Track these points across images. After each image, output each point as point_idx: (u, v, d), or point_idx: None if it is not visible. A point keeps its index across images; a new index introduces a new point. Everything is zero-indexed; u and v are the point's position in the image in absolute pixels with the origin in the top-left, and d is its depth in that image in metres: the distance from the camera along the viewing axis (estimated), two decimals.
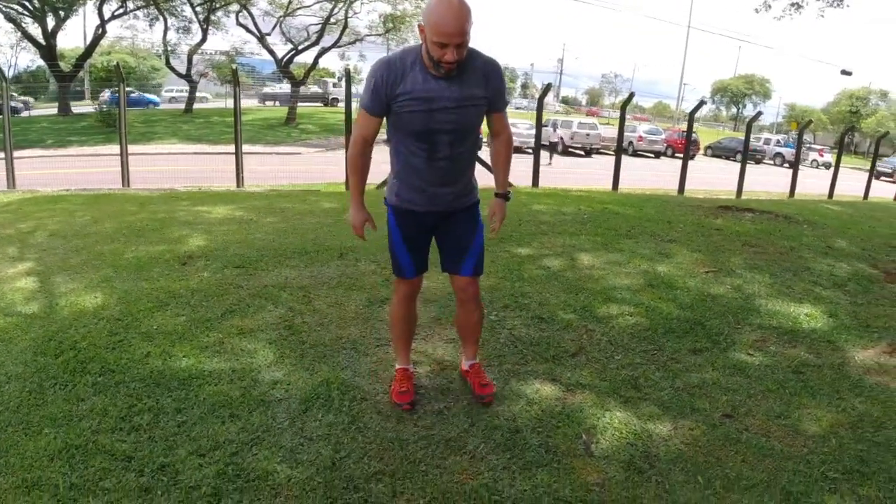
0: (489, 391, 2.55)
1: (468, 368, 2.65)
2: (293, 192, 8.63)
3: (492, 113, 2.33)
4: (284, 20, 27.89)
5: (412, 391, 2.50)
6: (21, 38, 29.17)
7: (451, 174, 2.31)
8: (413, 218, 2.37)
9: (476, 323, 2.57)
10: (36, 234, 5.19)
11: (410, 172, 2.29)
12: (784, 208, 8.05)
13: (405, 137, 2.25)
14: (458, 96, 2.16)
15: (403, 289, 2.49)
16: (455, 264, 2.45)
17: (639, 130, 28.45)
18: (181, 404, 2.43)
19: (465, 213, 2.42)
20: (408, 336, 2.60)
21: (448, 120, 2.18)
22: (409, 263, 2.42)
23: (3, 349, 2.89)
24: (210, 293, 3.66)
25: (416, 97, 2.13)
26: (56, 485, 1.94)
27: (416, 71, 2.14)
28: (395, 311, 2.55)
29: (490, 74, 2.24)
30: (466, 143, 2.30)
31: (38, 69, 33.75)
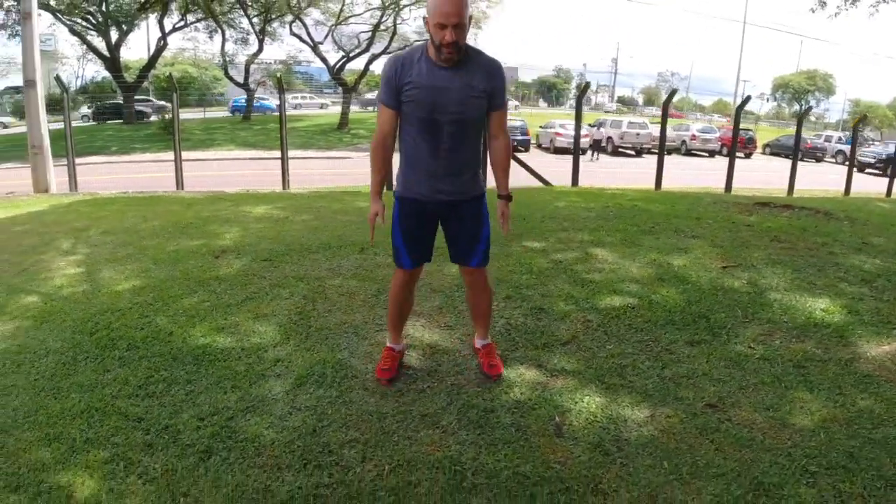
0: (496, 371, 2.70)
1: (480, 347, 2.81)
2: (331, 193, 8.98)
3: (491, 111, 2.47)
4: (336, 28, 28.75)
5: (394, 369, 2.68)
6: (87, 51, 31.22)
7: (455, 166, 2.46)
8: (418, 208, 2.52)
9: (486, 305, 2.74)
10: (89, 230, 5.68)
11: (416, 163, 2.46)
12: (829, 205, 7.74)
13: (411, 127, 2.42)
14: (460, 85, 2.34)
15: (400, 276, 2.66)
16: (463, 257, 2.62)
17: (692, 129, 27.66)
18: (192, 376, 2.69)
19: (471, 205, 2.56)
20: (400, 318, 2.76)
21: (451, 109, 2.35)
22: (406, 256, 2.59)
23: (46, 328, 3.26)
24: (235, 282, 3.94)
25: (421, 85, 2.33)
26: (74, 438, 2.23)
27: (423, 63, 2.35)
28: (391, 294, 2.72)
29: (492, 71, 2.41)
30: (469, 134, 2.45)
31: (104, 80, 36.04)
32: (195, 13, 28.75)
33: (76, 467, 2.10)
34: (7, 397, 2.57)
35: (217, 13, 27.73)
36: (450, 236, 2.62)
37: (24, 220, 6.74)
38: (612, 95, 75.14)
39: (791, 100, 60.56)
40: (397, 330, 2.78)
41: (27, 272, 4.40)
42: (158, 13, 27.73)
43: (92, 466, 2.10)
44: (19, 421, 2.39)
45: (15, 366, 2.85)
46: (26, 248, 5.14)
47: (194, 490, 1.98)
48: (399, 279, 2.67)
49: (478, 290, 2.69)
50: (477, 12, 26.83)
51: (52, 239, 5.49)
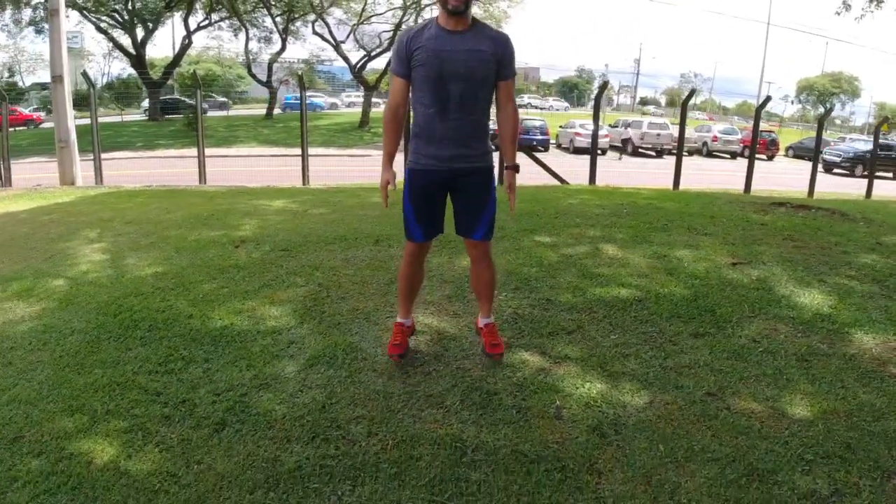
0: (498, 351, 2.79)
1: (483, 327, 2.89)
2: (349, 189, 9.13)
3: (499, 80, 2.56)
4: (358, 28, 29.00)
5: (405, 345, 2.79)
6: (112, 48, 31.92)
7: (464, 130, 2.55)
8: (427, 180, 2.60)
9: (488, 280, 2.82)
10: (114, 221, 5.88)
11: (426, 129, 2.55)
12: (847, 206, 7.67)
13: (422, 93, 2.52)
14: (467, 48, 2.45)
15: (411, 249, 2.76)
16: (468, 229, 2.71)
17: (713, 130, 27.36)
18: (209, 356, 2.82)
19: (480, 178, 2.64)
20: (411, 292, 2.86)
21: (459, 71, 2.44)
22: (417, 229, 2.68)
23: (72, 310, 3.42)
24: (253, 270, 4.08)
25: (430, 48, 2.44)
26: (95, 410, 2.37)
27: (431, 30, 2.48)
28: (402, 269, 2.82)
29: (499, 39, 2.53)
30: (477, 99, 2.53)
31: (130, 77, 36.86)
32: (220, 12, 29.23)
33: (97, 436, 2.23)
34: (33, 372, 2.72)
35: (241, 12, 28.16)
36: (457, 207, 2.70)
37: (51, 210, 6.99)
38: (634, 96, 74.52)
39: (815, 102, 59.56)
40: (407, 304, 2.87)
41: (54, 258, 4.59)
42: (184, 11, 28.25)
43: (112, 435, 2.23)
44: (44, 393, 2.53)
45: (41, 343, 3.01)
46: (53, 237, 5.35)
47: (208, 458, 2.09)
48: (410, 252, 2.77)
49: (481, 264, 2.78)
50: (498, 12, 26.90)
51: (78, 228, 5.69)
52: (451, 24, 2.47)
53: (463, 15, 2.46)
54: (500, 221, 2.82)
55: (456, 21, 2.46)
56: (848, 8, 9.51)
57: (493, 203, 2.69)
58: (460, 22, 2.47)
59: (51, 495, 1.95)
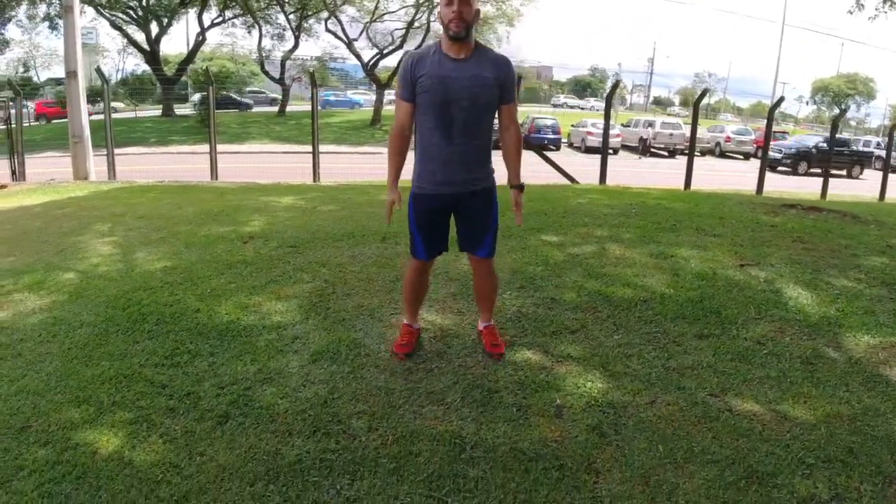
0: (499, 350, 2.84)
1: (483, 329, 2.95)
2: (359, 186, 9.16)
3: (502, 104, 2.61)
4: (371, 26, 29.04)
5: (412, 345, 2.85)
6: (127, 45, 32.25)
7: (468, 154, 2.58)
8: (432, 203, 2.65)
9: (491, 290, 2.89)
10: (126, 216, 5.95)
11: (430, 153, 2.60)
12: (859, 209, 7.59)
13: (426, 118, 2.56)
14: (470, 75, 2.48)
15: (416, 265, 2.81)
16: (472, 246, 2.76)
17: (727, 130, 27.12)
18: (215, 349, 2.86)
19: (482, 198, 2.69)
20: (416, 300, 2.92)
21: (462, 96, 2.48)
22: (422, 248, 2.73)
23: (82, 303, 3.48)
24: (261, 266, 4.11)
25: (434, 75, 2.48)
26: (101, 401, 2.41)
27: (435, 56, 2.51)
28: (407, 279, 2.87)
29: (500, 64, 2.57)
30: (480, 123, 2.57)
31: (144, 73, 37.25)
32: (233, 9, 29.39)
33: (102, 426, 2.27)
34: (42, 363, 2.77)
35: (255, 9, 28.30)
36: (460, 227, 2.75)
37: (63, 204, 7.08)
38: (647, 95, 74.01)
39: (830, 103, 58.91)
40: (414, 310, 2.94)
41: (65, 252, 4.65)
42: (198, 8, 28.44)
43: (117, 426, 2.27)
44: (52, 385, 2.58)
45: (50, 336, 3.06)
46: (65, 231, 5.42)
47: (210, 450, 2.12)
48: (414, 268, 2.81)
49: (484, 277, 2.85)
50: (510, 10, 26.84)
51: (90, 222, 5.77)
52: (454, 50, 2.50)
53: (465, 40, 2.48)
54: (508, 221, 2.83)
55: (458, 48, 2.49)
56: (861, 7, 9.40)
57: (495, 222, 2.74)
58: (463, 48, 2.50)
59: (56, 484, 1.98)
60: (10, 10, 26.31)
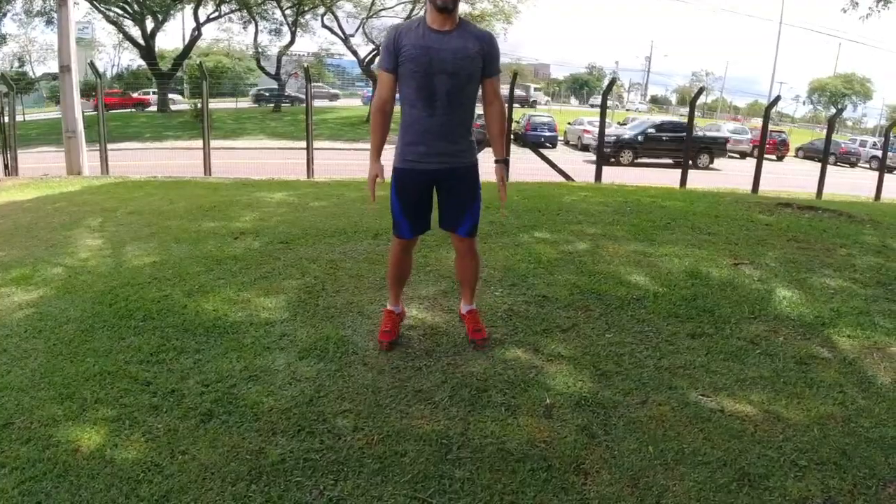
0: (481, 336, 2.84)
1: (466, 313, 2.93)
2: (352, 182, 9.11)
3: (485, 78, 2.61)
4: (367, 21, 28.95)
5: (394, 332, 2.83)
6: (122, 39, 32.07)
7: (450, 125, 2.58)
8: (414, 177, 2.63)
9: (473, 270, 2.86)
10: (117, 211, 5.90)
11: (413, 125, 2.59)
12: (854, 208, 7.58)
13: (409, 89, 2.55)
14: (454, 47, 2.49)
15: (399, 244, 2.79)
16: (453, 225, 2.74)
17: (723, 130, 27.12)
18: (201, 346, 2.82)
19: (465, 175, 2.68)
20: (399, 281, 2.90)
21: (445, 67, 2.48)
22: (405, 225, 2.72)
23: (69, 298, 3.43)
24: (251, 262, 4.07)
25: (418, 45, 2.48)
26: (85, 398, 2.37)
27: (419, 29, 2.52)
28: (391, 260, 2.86)
29: (484, 38, 2.58)
30: (463, 95, 2.56)
31: (139, 68, 37.10)
32: (229, 4, 29.24)
33: (85, 424, 2.23)
34: (27, 359, 2.73)
35: (251, 4, 28.17)
36: (442, 203, 2.73)
37: (55, 199, 7.02)
38: (644, 94, 74.00)
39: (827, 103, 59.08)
40: (396, 292, 2.90)
41: (55, 247, 4.61)
42: (193, 3, 28.27)
43: (99, 424, 2.22)
44: (36, 381, 2.54)
45: (36, 331, 3.02)
46: (56, 225, 5.37)
47: (193, 449, 2.08)
48: (397, 246, 2.80)
49: (466, 257, 2.83)
50: (507, 7, 26.78)
51: (82, 217, 5.71)
52: (439, 22, 2.51)
53: (451, 13, 2.50)
54: (501, 219, 2.81)
55: (443, 20, 2.50)
56: (855, 6, 9.39)
57: (478, 199, 2.73)
58: (447, 21, 2.51)
59: (36, 482, 1.95)
60: (6, 4, 26.12)
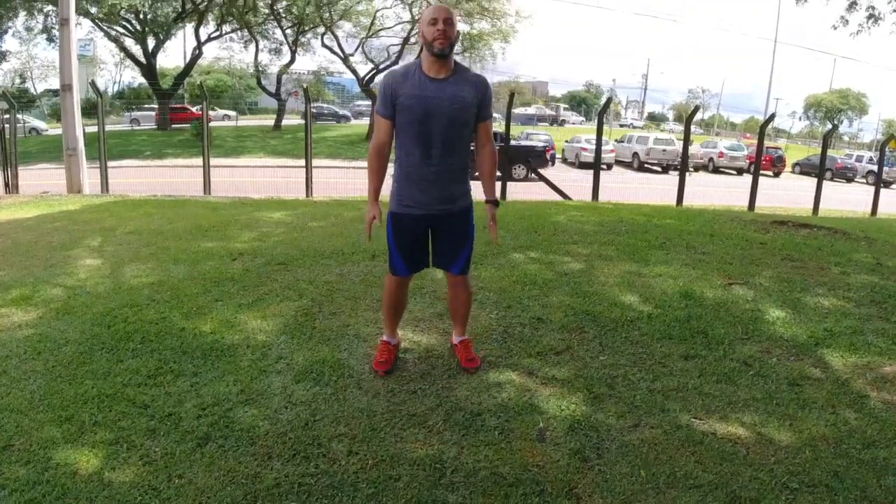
0: (474, 365, 2.87)
1: (457, 343, 2.97)
2: (350, 202, 9.18)
3: (478, 122, 2.66)
4: (367, 41, 29.26)
5: (390, 362, 2.86)
6: (124, 57, 32.35)
7: (446, 172, 2.62)
8: (410, 222, 2.69)
9: (465, 303, 2.92)
10: (117, 230, 5.94)
11: (410, 172, 2.63)
12: (849, 225, 7.64)
13: (405, 136, 2.59)
14: (450, 95, 2.54)
15: (395, 280, 2.83)
16: (447, 263, 2.81)
17: (720, 146, 27.36)
18: (198, 369, 2.84)
19: (460, 219, 2.74)
20: (396, 316, 2.94)
21: (441, 116, 2.52)
22: (401, 266, 2.77)
23: (68, 320, 3.46)
24: (248, 284, 4.10)
25: (415, 94, 2.52)
26: (83, 421, 2.40)
27: (416, 75, 2.56)
28: (386, 296, 2.89)
29: (479, 84, 2.63)
30: (458, 141, 2.62)
31: (140, 86, 37.45)
32: (230, 23, 29.55)
33: (83, 447, 2.25)
34: (26, 381, 2.75)
35: (252, 24, 28.46)
36: (437, 244, 2.79)
37: (55, 218, 7.07)
38: (641, 111, 74.55)
39: (823, 119, 59.59)
40: (393, 325, 2.95)
41: (55, 267, 4.64)
42: (195, 23, 28.58)
43: (97, 447, 2.25)
44: (35, 403, 2.56)
45: (35, 353, 3.05)
46: (56, 245, 5.41)
47: (189, 473, 2.10)
48: (393, 283, 2.84)
49: (458, 292, 2.89)
50: (505, 27, 27.08)
51: (81, 237, 5.75)
52: (435, 70, 2.55)
53: (447, 58, 2.54)
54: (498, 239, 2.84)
55: (439, 67, 2.54)
56: (846, 23, 9.57)
57: (471, 240, 2.80)
58: (443, 68, 2.55)
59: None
60: (8, 21, 26.40)
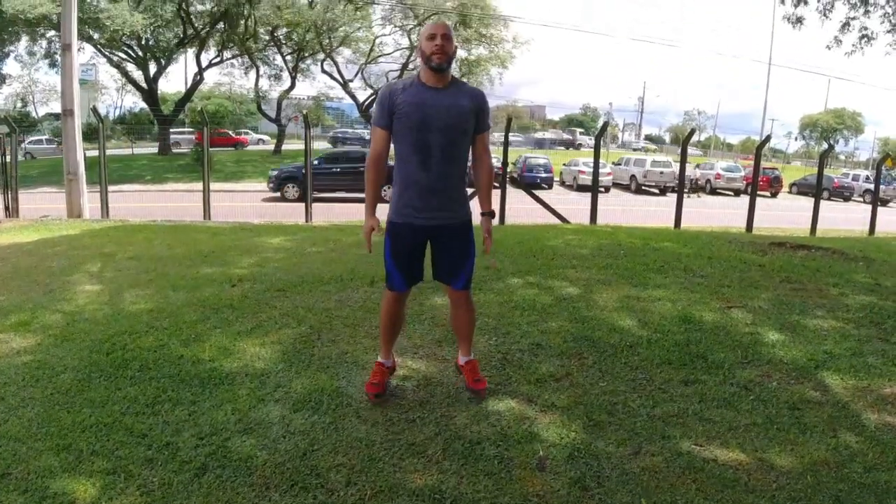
0: (481, 386, 2.85)
1: (464, 364, 2.95)
2: (350, 226, 9.21)
3: (476, 133, 2.71)
4: (366, 67, 29.67)
5: (382, 385, 2.84)
6: (126, 83, 32.76)
7: (444, 181, 2.65)
8: (408, 231, 2.69)
9: (468, 321, 2.90)
10: (117, 256, 5.96)
11: (407, 181, 2.66)
12: (847, 245, 7.66)
13: (403, 145, 2.63)
14: (447, 104, 2.59)
15: (392, 296, 2.83)
16: (448, 277, 2.80)
17: (717, 167, 27.58)
18: (196, 397, 2.83)
19: (459, 230, 2.75)
20: (392, 335, 2.92)
21: (439, 124, 2.57)
22: (398, 278, 2.76)
23: (66, 346, 3.46)
24: (247, 310, 4.10)
25: (412, 102, 2.58)
26: (81, 450, 2.39)
27: (414, 86, 2.63)
28: (383, 313, 2.88)
29: (476, 95, 2.71)
30: (456, 150, 2.65)
31: (141, 111, 37.87)
32: (231, 50, 29.98)
33: (80, 476, 2.23)
34: (24, 409, 2.74)
35: (252, 50, 28.88)
36: (437, 257, 2.79)
37: (55, 242, 7.09)
38: (638, 134, 75.18)
39: (819, 139, 60.14)
40: (388, 345, 2.93)
41: (54, 292, 4.64)
42: (196, 49, 28.99)
43: (95, 476, 2.23)
44: (33, 431, 2.55)
45: (34, 380, 3.04)
46: (55, 270, 5.42)
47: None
48: (390, 299, 2.83)
49: (461, 309, 2.87)
50: (503, 52, 27.51)
51: (81, 262, 5.77)
52: (433, 80, 2.62)
53: (444, 72, 2.61)
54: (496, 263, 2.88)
55: (437, 78, 2.62)
56: (839, 43, 9.73)
57: (472, 255, 2.80)
58: (441, 79, 2.63)
59: None
60: (10, 45, 26.76)
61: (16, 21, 21.57)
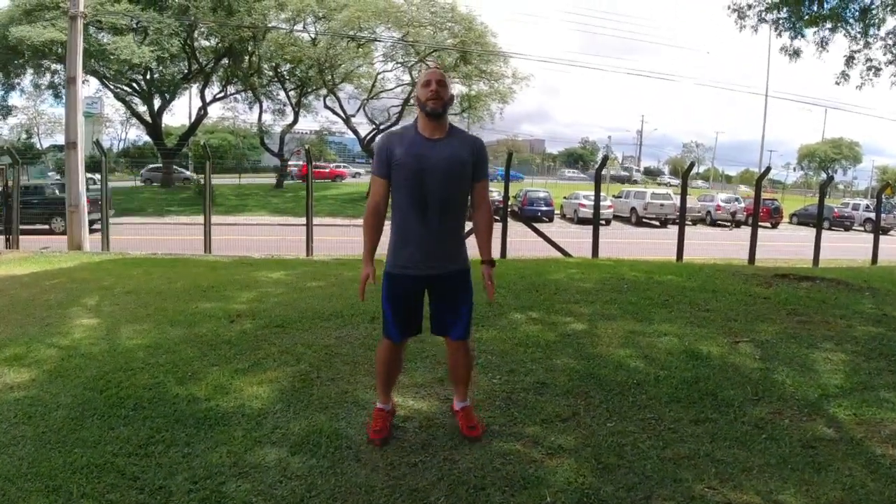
0: (476, 433, 2.76)
1: (459, 409, 2.86)
2: (350, 261, 9.16)
3: (474, 182, 2.68)
4: (368, 102, 30.08)
5: (386, 429, 2.75)
6: (130, 116, 33.21)
7: (443, 233, 2.62)
8: (406, 283, 2.65)
9: (465, 369, 2.83)
10: (115, 289, 5.91)
11: (406, 233, 2.62)
12: (850, 275, 7.59)
13: (401, 196, 2.60)
14: (446, 155, 2.56)
15: (388, 345, 2.77)
16: (444, 329, 2.75)
17: (717, 199, 27.72)
18: (191, 439, 2.74)
19: (457, 280, 2.70)
20: (389, 381, 2.84)
21: (437, 176, 2.54)
22: (395, 330, 2.72)
23: (60, 382, 3.39)
24: (245, 347, 4.03)
25: (411, 153, 2.55)
26: (71, 492, 2.31)
27: (413, 136, 2.60)
28: (379, 359, 2.82)
29: (474, 144, 2.68)
30: (454, 201, 2.62)
31: (145, 144, 38.29)
32: (235, 85, 30.46)
33: None
34: (15, 447, 2.67)
35: (256, 86, 29.34)
36: (434, 308, 2.74)
37: (54, 275, 7.05)
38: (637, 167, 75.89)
39: (818, 169, 60.61)
40: (386, 391, 2.85)
41: (50, 326, 4.58)
42: (200, 84, 29.46)
43: None
44: (23, 471, 2.47)
45: (26, 417, 2.96)
46: (53, 303, 5.36)
47: None
48: (386, 348, 2.78)
49: (458, 357, 2.81)
50: (503, 88, 27.90)
51: (79, 295, 5.71)
52: (430, 130, 2.59)
53: (440, 120, 2.59)
54: (498, 299, 2.81)
55: (434, 128, 2.59)
56: (847, 78, 9.77)
57: (469, 304, 2.74)
58: (438, 128, 2.60)
59: None
60: (15, 77, 27.18)
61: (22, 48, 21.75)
